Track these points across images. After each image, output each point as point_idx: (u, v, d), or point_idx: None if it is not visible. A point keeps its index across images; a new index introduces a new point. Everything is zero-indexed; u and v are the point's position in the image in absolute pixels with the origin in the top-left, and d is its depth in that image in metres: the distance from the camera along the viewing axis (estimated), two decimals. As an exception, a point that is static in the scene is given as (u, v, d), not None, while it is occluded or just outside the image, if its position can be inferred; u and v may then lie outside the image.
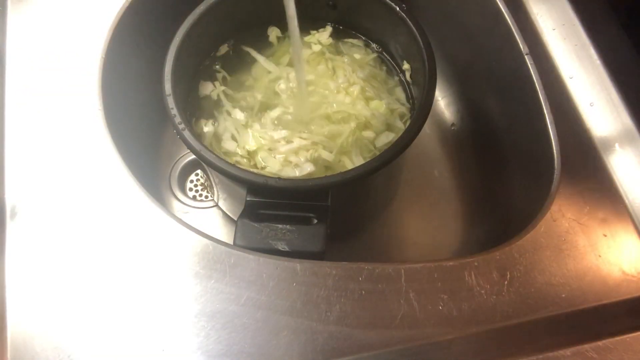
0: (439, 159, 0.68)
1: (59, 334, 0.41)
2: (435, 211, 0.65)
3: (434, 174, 0.67)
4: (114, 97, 0.53)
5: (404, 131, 0.46)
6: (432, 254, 0.63)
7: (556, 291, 0.43)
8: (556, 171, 0.48)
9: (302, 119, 0.53)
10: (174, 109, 0.46)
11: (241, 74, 0.56)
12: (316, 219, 0.44)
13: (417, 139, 0.45)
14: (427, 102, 0.47)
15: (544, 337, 0.42)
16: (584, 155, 0.50)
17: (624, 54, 0.53)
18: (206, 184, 0.67)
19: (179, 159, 0.68)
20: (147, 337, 0.41)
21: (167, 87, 0.47)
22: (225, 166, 0.44)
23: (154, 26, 0.58)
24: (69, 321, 0.41)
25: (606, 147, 0.50)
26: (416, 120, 0.46)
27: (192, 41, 0.50)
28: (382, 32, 0.56)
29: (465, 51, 0.64)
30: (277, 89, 0.55)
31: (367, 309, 0.41)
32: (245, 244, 0.43)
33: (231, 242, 0.44)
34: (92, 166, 0.47)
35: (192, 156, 0.67)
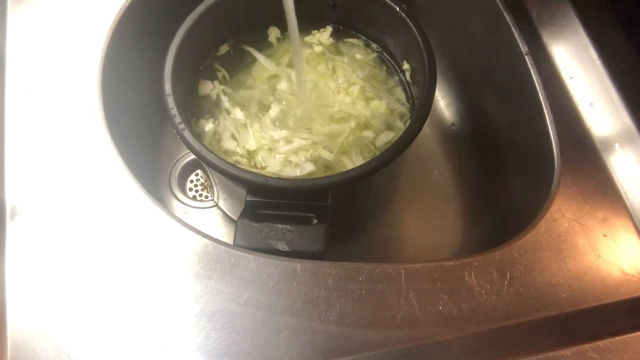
0: (439, 159, 0.68)
1: (59, 334, 0.41)
2: (435, 211, 0.65)
3: (434, 174, 0.67)
4: (114, 97, 0.53)
5: (404, 131, 0.46)
6: (432, 254, 0.63)
7: (556, 291, 0.43)
8: (556, 171, 0.48)
9: (302, 119, 0.53)
10: (174, 109, 0.46)
11: (241, 73, 0.57)
12: (316, 219, 0.44)
13: (417, 139, 0.45)
14: (427, 102, 0.47)
15: (544, 337, 0.42)
16: (584, 155, 0.50)
17: (624, 54, 0.53)
18: (206, 184, 0.67)
19: (179, 159, 0.68)
20: (147, 337, 0.41)
21: (167, 87, 0.47)
22: (225, 166, 0.44)
23: (154, 26, 0.58)
24: (69, 321, 0.41)
25: (606, 147, 0.50)
26: (416, 120, 0.46)
27: (192, 41, 0.50)
28: (382, 32, 0.56)
29: (465, 51, 0.64)
30: (277, 89, 0.55)
31: (367, 309, 0.41)
32: (245, 244, 0.43)
33: (231, 242, 0.44)
34: (92, 166, 0.47)
35: (192, 156, 0.67)
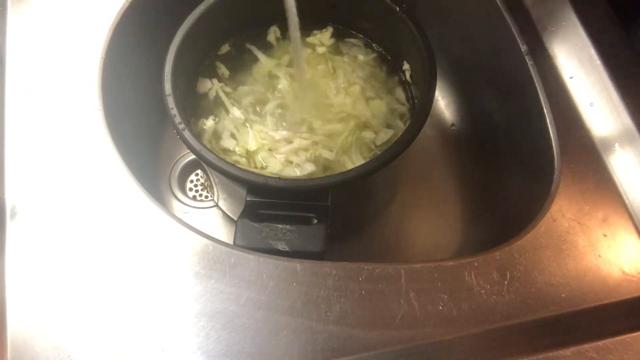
0: (439, 159, 0.68)
1: (59, 334, 0.41)
2: (435, 211, 0.65)
3: (434, 174, 0.67)
4: (114, 97, 0.53)
5: (404, 131, 0.46)
6: (432, 254, 0.63)
7: (556, 291, 0.43)
8: (556, 171, 0.48)
9: (302, 119, 0.53)
10: (174, 109, 0.46)
11: (241, 73, 0.57)
12: (316, 219, 0.45)
13: (417, 139, 0.45)
14: (427, 102, 0.47)
15: (544, 337, 0.42)
16: (584, 155, 0.50)
17: (624, 54, 0.53)
18: (206, 184, 0.67)
19: (179, 159, 0.68)
20: (147, 337, 0.41)
21: (167, 87, 0.47)
22: (225, 166, 0.44)
23: (154, 26, 0.58)
24: (69, 321, 0.41)
25: (606, 147, 0.50)
26: (416, 120, 0.46)
27: (193, 41, 0.50)
28: (382, 32, 0.56)
29: (465, 51, 0.64)
30: (277, 89, 0.55)
31: (367, 309, 0.41)
32: (245, 244, 0.43)
33: (231, 242, 0.44)
34: (92, 166, 0.47)
35: (192, 156, 0.67)
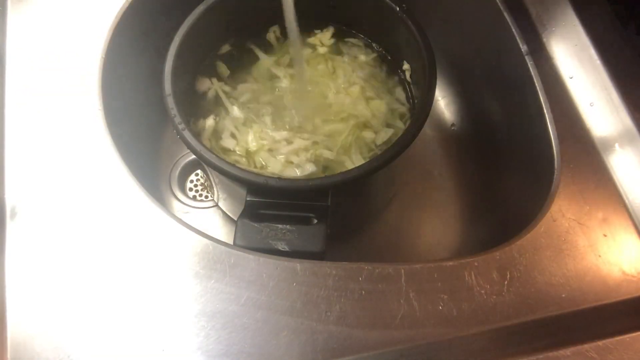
0: (439, 159, 0.68)
1: (59, 334, 0.41)
2: (435, 211, 0.65)
3: (434, 174, 0.67)
4: (114, 97, 0.53)
5: (404, 131, 0.46)
6: (432, 254, 0.63)
7: (556, 291, 0.43)
8: (556, 171, 0.48)
9: (302, 119, 0.53)
10: (174, 109, 0.46)
11: (241, 72, 0.57)
12: (316, 219, 0.45)
13: (417, 139, 0.45)
14: (427, 102, 0.47)
15: (544, 337, 0.42)
16: (584, 155, 0.50)
17: (624, 54, 0.53)
18: (206, 184, 0.67)
19: (179, 159, 0.68)
20: (147, 337, 0.41)
21: (167, 87, 0.47)
22: (225, 166, 0.44)
23: (154, 26, 0.58)
24: (69, 321, 0.41)
25: (606, 147, 0.50)
26: (416, 120, 0.46)
27: (193, 41, 0.50)
28: (382, 32, 0.56)
29: (465, 51, 0.64)
30: (278, 89, 0.55)
31: (367, 309, 0.41)
32: (245, 244, 0.43)
33: (231, 242, 0.44)
34: (92, 166, 0.47)
35: (192, 156, 0.67)
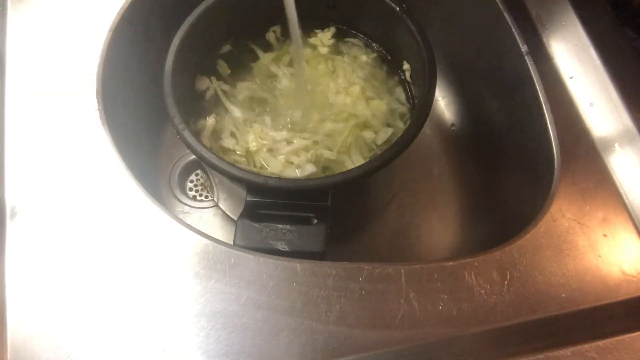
0: (439, 159, 0.68)
1: (59, 334, 0.41)
2: (435, 211, 0.65)
3: (434, 174, 0.67)
4: (114, 97, 0.53)
5: (404, 131, 0.46)
6: (432, 254, 0.63)
7: (556, 291, 0.43)
8: (556, 171, 0.48)
9: (302, 119, 0.53)
10: (173, 109, 0.46)
11: (241, 72, 0.57)
12: (316, 219, 0.45)
13: (417, 139, 0.45)
14: (427, 102, 0.47)
15: (544, 337, 0.42)
16: (584, 155, 0.50)
17: (624, 54, 0.53)
18: (206, 184, 0.67)
19: (179, 159, 0.68)
20: (147, 337, 0.41)
21: (167, 87, 0.47)
22: (225, 166, 0.44)
23: (153, 26, 0.58)
24: (69, 321, 0.41)
25: (606, 147, 0.50)
26: (416, 120, 0.46)
27: (193, 41, 0.50)
28: (382, 32, 0.56)
29: (465, 51, 0.64)
30: (278, 88, 0.55)
31: (367, 309, 0.41)
32: (245, 244, 0.43)
33: (231, 242, 0.44)
34: (92, 166, 0.47)
35: (192, 156, 0.66)
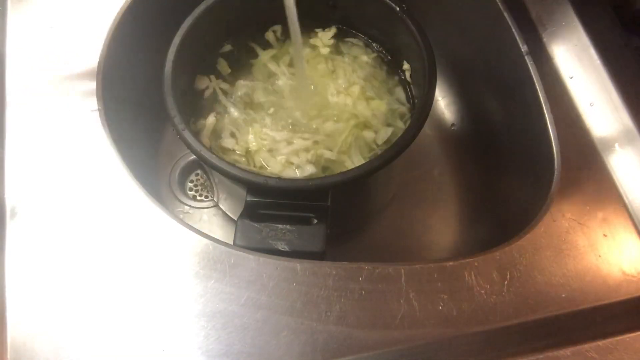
0: (439, 159, 0.68)
1: (59, 334, 0.41)
2: (435, 211, 0.65)
3: (434, 174, 0.67)
4: (114, 97, 0.53)
5: (404, 131, 0.46)
6: (432, 254, 0.63)
7: (556, 291, 0.43)
8: (556, 171, 0.48)
9: (302, 119, 0.53)
10: (174, 109, 0.46)
11: (241, 72, 0.56)
12: (316, 219, 0.44)
13: (417, 139, 0.45)
14: (427, 102, 0.47)
15: (544, 337, 0.42)
16: (584, 155, 0.50)
17: (624, 54, 0.53)
18: (206, 184, 0.67)
19: (179, 159, 0.68)
20: (147, 337, 0.41)
21: (167, 87, 0.47)
22: (225, 166, 0.44)
23: (153, 26, 0.58)
24: (69, 321, 0.41)
25: (606, 147, 0.50)
26: (416, 120, 0.46)
27: (193, 41, 0.50)
28: (382, 32, 0.56)
29: (465, 51, 0.64)
30: (278, 88, 0.55)
31: (367, 309, 0.41)
32: (245, 244, 0.43)
33: (231, 242, 0.44)
34: (92, 166, 0.47)
35: (192, 156, 0.66)
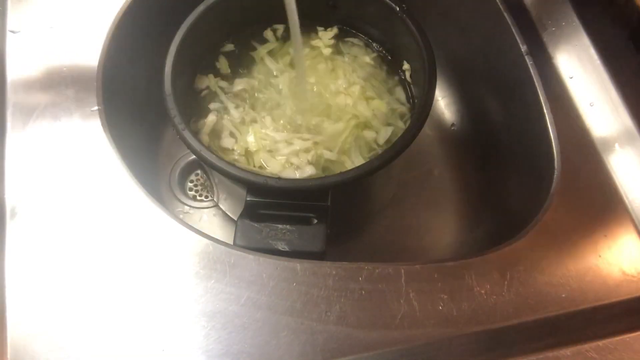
0: (439, 159, 0.68)
1: (59, 334, 0.41)
2: (435, 211, 0.65)
3: (434, 174, 0.67)
4: (114, 97, 0.53)
5: (404, 131, 0.46)
6: (432, 254, 0.63)
7: (556, 291, 0.43)
8: (556, 171, 0.48)
9: (302, 119, 0.53)
10: (174, 109, 0.46)
11: (241, 72, 0.56)
12: (316, 219, 0.45)
13: (417, 138, 0.45)
14: (427, 102, 0.47)
15: (544, 337, 0.42)
16: (584, 155, 0.50)
17: (624, 54, 0.53)
18: (206, 184, 0.67)
19: (179, 159, 0.68)
20: (147, 337, 0.41)
21: (167, 87, 0.47)
22: (225, 166, 0.44)
23: (153, 26, 0.58)
24: (69, 321, 0.41)
25: (606, 147, 0.50)
26: (416, 120, 0.46)
27: (193, 40, 0.50)
28: (383, 32, 0.56)
29: (465, 51, 0.64)
30: (278, 88, 0.55)
31: (367, 309, 0.41)
32: (245, 244, 0.43)
33: (231, 242, 0.44)
34: (92, 166, 0.47)
35: (192, 156, 0.66)
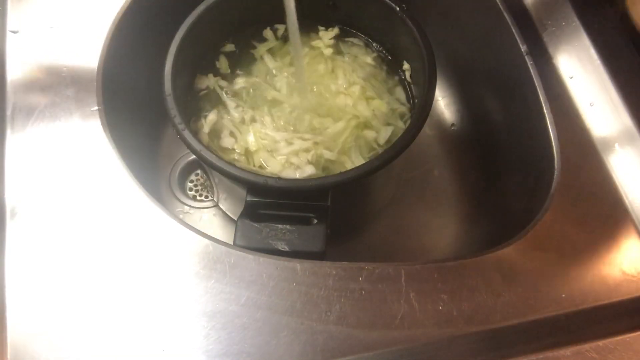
0: (439, 159, 0.68)
1: (59, 334, 0.41)
2: (435, 211, 0.65)
3: (434, 174, 0.67)
4: (114, 97, 0.53)
5: (404, 131, 0.46)
6: (432, 254, 0.63)
7: (556, 291, 0.43)
8: (556, 171, 0.48)
9: (302, 119, 0.53)
10: (174, 109, 0.46)
11: (241, 72, 0.56)
12: (316, 219, 0.45)
13: (417, 138, 0.45)
14: (427, 102, 0.47)
15: (544, 337, 0.42)
16: (584, 155, 0.50)
17: (624, 54, 0.53)
18: (206, 184, 0.67)
19: (179, 159, 0.68)
20: (147, 337, 0.41)
21: (167, 87, 0.47)
22: (225, 166, 0.44)
23: (154, 26, 0.58)
24: (69, 321, 0.41)
25: (606, 147, 0.50)
26: (416, 120, 0.46)
27: (193, 40, 0.50)
28: (383, 32, 0.56)
29: (465, 51, 0.64)
30: (278, 88, 0.55)
31: (367, 309, 0.41)
32: (245, 244, 0.43)
33: (231, 242, 0.44)
34: (92, 166, 0.47)
35: (192, 156, 0.67)
